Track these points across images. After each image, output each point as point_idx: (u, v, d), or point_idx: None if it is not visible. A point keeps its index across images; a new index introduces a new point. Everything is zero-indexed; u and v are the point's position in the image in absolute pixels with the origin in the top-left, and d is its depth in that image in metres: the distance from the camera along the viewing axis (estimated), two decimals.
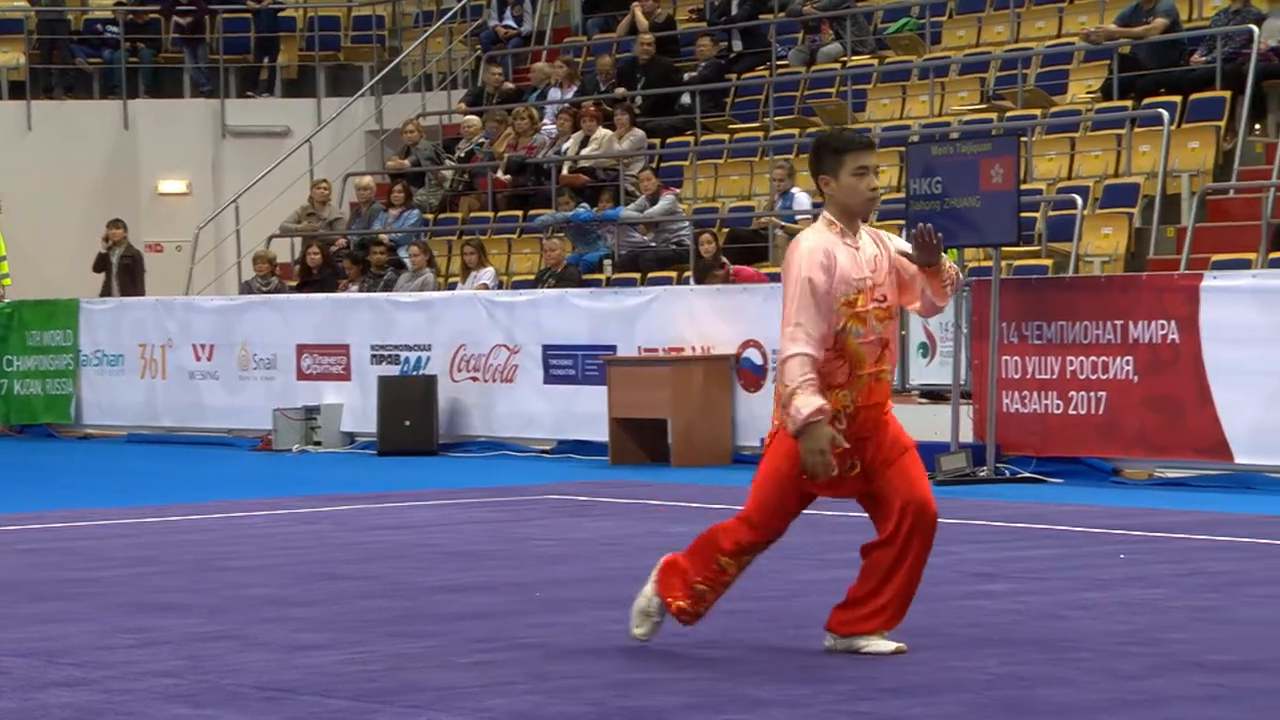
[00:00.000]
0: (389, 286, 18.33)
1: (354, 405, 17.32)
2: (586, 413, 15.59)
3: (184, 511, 11.88)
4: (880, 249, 6.35)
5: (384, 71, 24.39)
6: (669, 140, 20.19)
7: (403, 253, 19.20)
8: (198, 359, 18.60)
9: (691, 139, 19.94)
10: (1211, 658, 6.26)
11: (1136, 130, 16.20)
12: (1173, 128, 15.81)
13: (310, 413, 17.36)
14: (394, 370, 17.07)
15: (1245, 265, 13.78)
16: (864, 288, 6.22)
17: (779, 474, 6.21)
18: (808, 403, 6.05)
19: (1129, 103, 16.61)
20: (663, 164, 19.82)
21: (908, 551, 6.25)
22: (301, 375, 17.78)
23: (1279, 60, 16.25)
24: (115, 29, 25.14)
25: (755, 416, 14.83)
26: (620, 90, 20.71)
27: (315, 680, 6.17)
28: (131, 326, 19.18)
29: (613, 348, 15.63)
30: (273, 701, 5.86)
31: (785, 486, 6.22)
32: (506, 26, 23.97)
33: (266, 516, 11.58)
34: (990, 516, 10.63)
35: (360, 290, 18.47)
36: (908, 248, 6.42)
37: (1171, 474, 12.67)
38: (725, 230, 17.75)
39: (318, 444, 17.27)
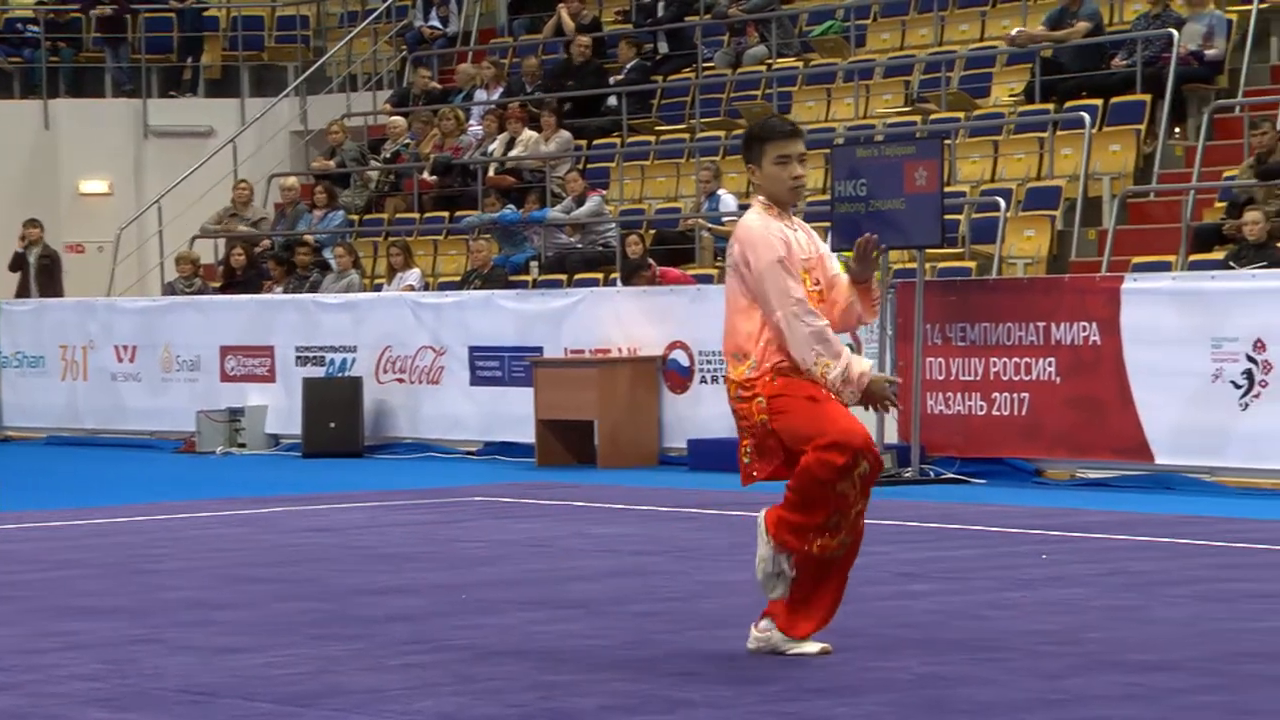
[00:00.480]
0: (314, 288, 18.26)
1: (279, 407, 17.24)
2: (513, 414, 15.58)
3: (107, 514, 11.79)
4: (809, 237, 6.42)
5: (308, 72, 24.27)
6: (595, 142, 20.20)
7: (328, 254, 19.13)
8: (120, 360, 18.46)
9: (618, 140, 19.96)
10: (1131, 657, 6.33)
11: (1058, 133, 16.34)
12: (1094, 131, 15.95)
13: (234, 414, 17.27)
14: (319, 372, 17.00)
15: (1165, 267, 13.92)
16: (808, 268, 6.30)
17: (815, 401, 6.16)
18: (859, 366, 6.20)
19: (1051, 106, 16.75)
20: (589, 165, 19.83)
21: (848, 559, 6.30)
22: (225, 377, 17.68)
23: (1198, 64, 16.43)
24: (36, 28, 24.89)
25: (681, 418, 14.86)
26: (573, 90, 20.68)
27: (239, 683, 6.14)
28: (52, 328, 19.01)
29: (539, 349, 15.62)
30: (196, 705, 5.83)
31: (829, 405, 6.18)
32: (432, 27, 23.90)
33: (190, 519, 11.50)
34: (914, 517, 10.69)
35: (285, 291, 18.39)
36: (824, 246, 6.48)
37: (1093, 474, 12.79)
38: (652, 232, 17.77)
39: (242, 446, 17.17)
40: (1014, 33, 17.71)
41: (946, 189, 13.87)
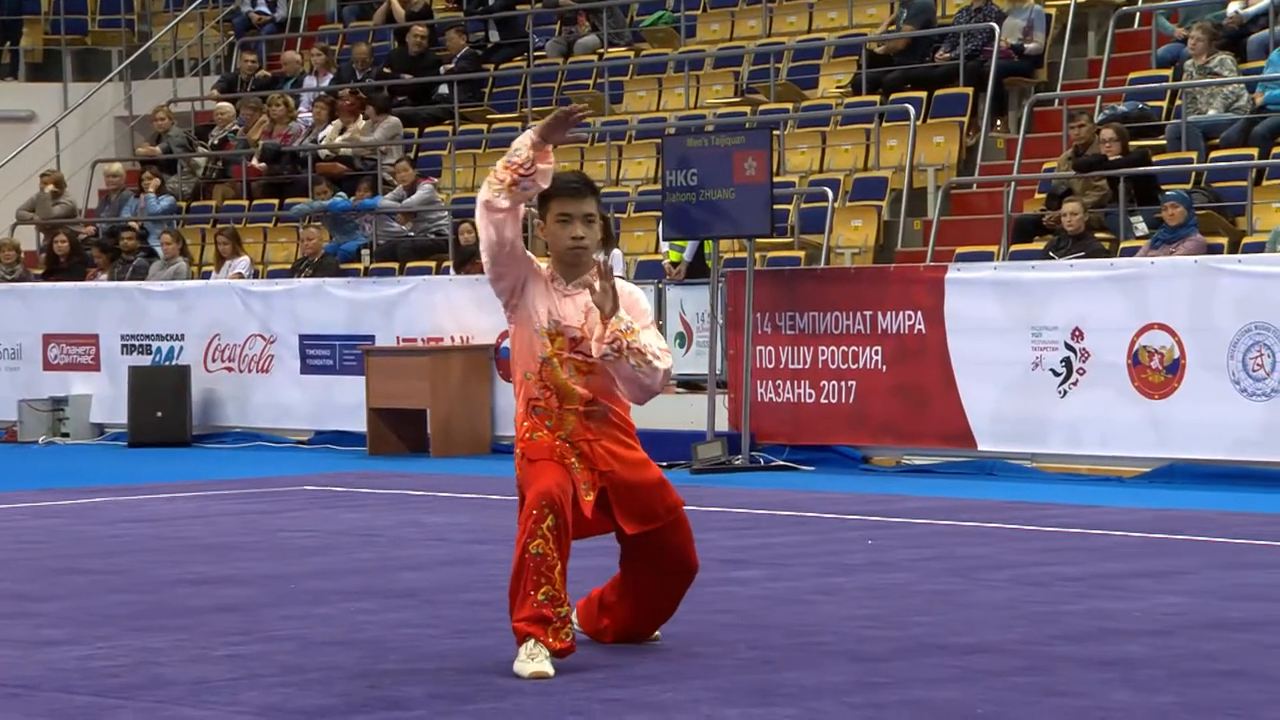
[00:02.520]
0: (138, 273, 17.98)
1: (104, 396, 16.98)
2: (344, 403, 15.49)
3: None
4: (587, 311, 5.99)
5: (133, 56, 23.87)
6: (427, 130, 20.12)
7: (154, 241, 18.85)
8: None
9: (450, 129, 19.89)
10: (952, 640, 6.45)
11: (884, 125, 16.58)
12: (918, 123, 16.21)
13: (58, 403, 16.99)
14: (146, 360, 16.76)
15: (988, 258, 14.19)
16: (560, 330, 6.00)
17: (531, 462, 6.13)
18: (516, 143, 6.03)
19: (877, 98, 16.99)
20: (421, 153, 19.74)
21: (676, 603, 6.32)
22: (48, 365, 17.39)
23: (1019, 58, 16.76)
24: None
25: (514, 406, 14.84)
26: (397, 74, 20.52)
27: (58, 676, 6.05)
28: None
29: (371, 337, 15.54)
30: (14, 698, 5.73)
31: (536, 467, 6.11)
32: (260, 13, 23.63)
33: (8, 510, 11.29)
34: (743, 504, 10.80)
35: (110, 279, 18.09)
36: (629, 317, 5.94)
37: (918, 461, 13.02)
38: None
39: (65, 436, 16.90)
40: (869, 36, 17.91)
41: (775, 179, 14.02)
